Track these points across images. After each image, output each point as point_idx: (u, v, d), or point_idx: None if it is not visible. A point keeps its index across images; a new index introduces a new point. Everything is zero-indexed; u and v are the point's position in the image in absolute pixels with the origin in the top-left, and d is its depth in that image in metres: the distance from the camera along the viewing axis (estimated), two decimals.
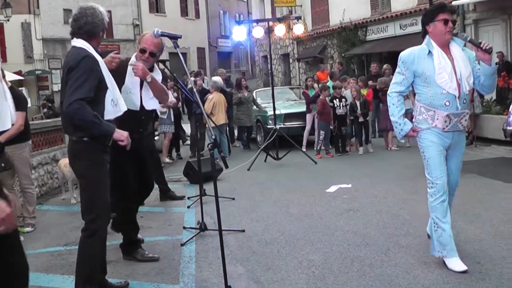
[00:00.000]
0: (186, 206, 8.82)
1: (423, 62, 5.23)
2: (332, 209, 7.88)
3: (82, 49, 4.71)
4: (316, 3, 29.08)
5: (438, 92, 5.17)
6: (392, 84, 5.49)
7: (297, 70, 31.83)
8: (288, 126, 14.97)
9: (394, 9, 22.86)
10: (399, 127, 5.43)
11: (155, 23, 35.58)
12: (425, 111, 5.28)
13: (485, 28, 18.65)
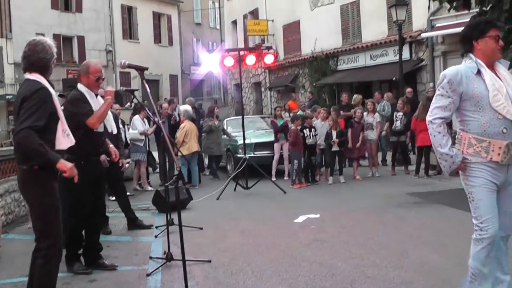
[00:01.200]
0: (154, 235, 8.73)
1: (473, 83, 4.50)
2: (299, 240, 7.86)
3: (37, 82, 4.83)
4: (288, 32, 29.34)
5: (494, 118, 4.43)
6: (435, 109, 4.62)
7: (268, 99, 31.97)
8: (258, 155, 14.99)
9: (365, 39, 23.18)
10: (450, 160, 4.55)
11: (128, 50, 35.76)
12: (477, 142, 4.48)
13: (454, 60, 18.91)
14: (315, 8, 26.58)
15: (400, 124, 14.34)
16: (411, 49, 20.65)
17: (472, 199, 4.53)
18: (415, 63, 20.39)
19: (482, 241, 4.48)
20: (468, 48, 4.65)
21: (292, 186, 13.35)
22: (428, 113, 4.67)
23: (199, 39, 48.73)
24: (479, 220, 4.47)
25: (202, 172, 16.45)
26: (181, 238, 4.86)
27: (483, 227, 4.45)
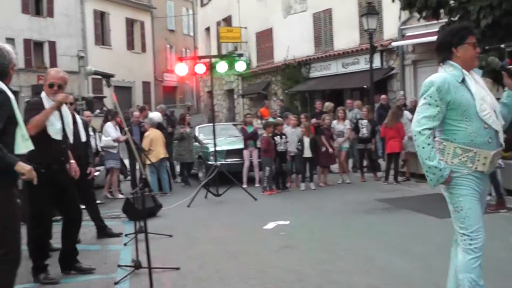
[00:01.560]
0: (123, 243, 8.71)
1: (459, 91, 4.36)
2: (268, 246, 7.91)
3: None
4: (261, 40, 29.49)
5: (481, 127, 4.32)
6: (423, 119, 4.35)
7: (241, 106, 32.04)
8: (229, 163, 15.03)
9: (337, 47, 23.40)
10: (438, 173, 4.30)
11: (101, 56, 35.53)
12: (463, 152, 4.34)
13: (424, 69, 19.22)
14: (288, 16, 26.78)
15: (366, 131, 14.53)
16: (382, 58, 20.88)
17: (461, 209, 4.36)
18: (386, 71, 20.63)
19: (474, 251, 4.34)
20: (447, 55, 4.51)
21: (263, 193, 13.41)
22: (415, 123, 4.40)
23: (173, 46, 48.67)
24: (469, 230, 4.34)
25: (174, 179, 16.44)
26: (146, 246, 4.90)
27: (474, 237, 4.34)
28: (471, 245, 4.34)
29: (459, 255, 4.43)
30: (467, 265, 4.35)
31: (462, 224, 4.37)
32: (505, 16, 11.59)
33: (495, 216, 9.36)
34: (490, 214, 9.48)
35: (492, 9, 11.52)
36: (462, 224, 4.37)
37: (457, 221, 4.41)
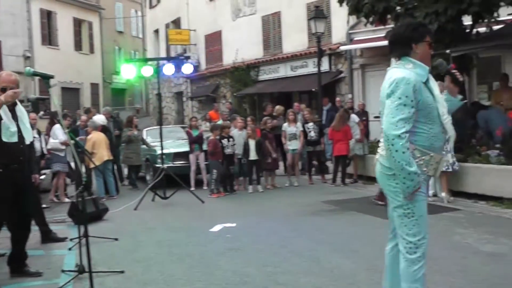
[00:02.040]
0: (68, 248, 8.56)
1: (425, 92, 4.18)
2: (214, 249, 7.88)
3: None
4: (210, 42, 29.44)
5: (440, 132, 4.25)
6: (400, 121, 4.04)
7: (190, 109, 31.93)
8: (177, 165, 14.94)
9: (286, 50, 23.51)
10: (416, 179, 4.05)
11: (48, 56, 34.83)
12: (420, 155, 4.18)
13: (372, 73, 19.46)
14: (237, 19, 26.81)
15: (314, 134, 14.62)
16: (330, 61, 21.04)
17: (413, 215, 4.19)
18: (334, 75, 20.79)
19: (419, 260, 4.21)
20: (406, 51, 4.30)
21: (211, 196, 13.36)
22: (391, 126, 4.06)
23: (121, 48, 48.19)
24: (417, 237, 4.20)
25: (122, 182, 16.27)
26: (87, 250, 4.79)
27: (419, 244, 4.21)
28: (416, 253, 4.21)
29: (403, 263, 4.29)
30: (412, 276, 4.24)
31: (410, 231, 4.22)
32: (450, 22, 11.85)
33: (439, 217, 9.53)
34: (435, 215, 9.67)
35: (437, 15, 11.77)
36: (410, 231, 4.22)
37: (405, 228, 4.24)
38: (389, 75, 4.25)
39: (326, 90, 18.93)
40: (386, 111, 4.14)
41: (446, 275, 6.12)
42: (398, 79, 4.08)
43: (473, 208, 10.24)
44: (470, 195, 10.93)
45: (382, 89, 4.29)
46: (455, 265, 6.55)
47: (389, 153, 4.07)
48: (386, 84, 4.22)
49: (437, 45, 11.96)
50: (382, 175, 4.34)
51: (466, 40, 12.47)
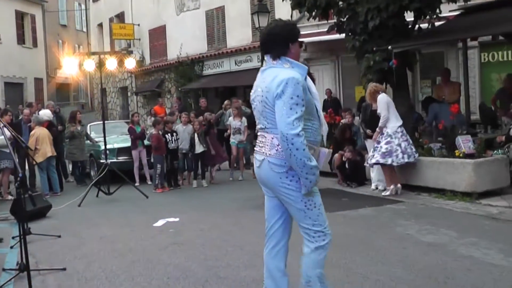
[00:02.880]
0: (10, 246, 8.46)
1: (306, 90, 4.27)
2: (157, 243, 7.90)
3: None
4: (154, 37, 29.28)
5: (319, 127, 4.43)
6: (295, 121, 4.06)
7: (135, 104, 31.71)
8: (121, 161, 14.89)
9: (230, 45, 23.56)
10: (317, 172, 4.18)
11: None
12: (308, 150, 4.19)
13: (315, 67, 19.65)
14: (181, 13, 26.74)
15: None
16: None
17: (314, 206, 4.31)
18: None
19: (326, 247, 4.41)
20: (284, 51, 4.35)
21: (155, 191, 13.37)
22: (287, 126, 4.05)
23: (65, 42, 47.45)
24: (323, 225, 4.36)
25: (66, 179, 16.09)
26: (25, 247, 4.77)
27: (326, 232, 4.39)
28: (324, 240, 4.38)
29: (311, 254, 4.40)
30: (319, 262, 4.41)
31: (315, 221, 4.34)
32: (392, 18, 12.05)
33: (382, 209, 9.75)
34: (378, 207, 9.89)
35: (379, 11, 11.94)
36: (316, 221, 4.34)
37: (309, 220, 4.34)
38: (272, 75, 4.26)
39: None
40: (279, 112, 4.12)
41: (387, 265, 6.28)
42: (288, 79, 4.11)
43: (415, 200, 10.47)
44: (413, 188, 11.17)
45: (264, 88, 4.28)
46: (395, 255, 6.71)
47: (289, 152, 4.08)
48: (272, 84, 4.20)
49: (379, 41, 12.22)
50: (273, 174, 4.33)
51: (408, 36, 12.70)
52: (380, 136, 10.95)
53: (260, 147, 4.41)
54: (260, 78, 4.40)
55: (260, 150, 4.42)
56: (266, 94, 4.23)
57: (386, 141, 10.82)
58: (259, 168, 4.45)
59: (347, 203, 10.55)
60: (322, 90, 19.10)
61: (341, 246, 7.22)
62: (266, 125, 4.32)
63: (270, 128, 4.29)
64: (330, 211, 9.60)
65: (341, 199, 11.11)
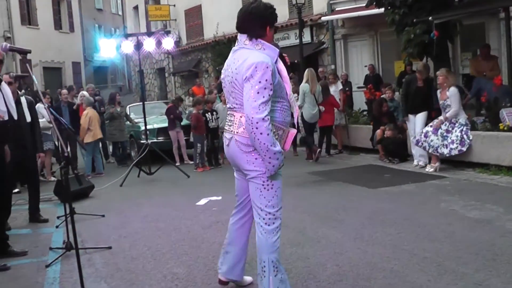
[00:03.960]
0: (55, 226, 8.54)
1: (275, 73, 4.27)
2: (200, 222, 7.89)
3: None
4: (190, 17, 29.22)
5: (288, 108, 4.49)
6: (262, 105, 4.07)
7: (173, 84, 31.78)
8: (161, 141, 14.93)
9: None
10: (281, 157, 4.21)
11: (28, 36, 34.35)
12: (276, 130, 4.31)
13: (354, 43, 19.45)
14: None
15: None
16: (312, 32, 20.96)
17: (271, 187, 4.34)
18: (316, 46, 20.73)
19: (276, 230, 4.40)
20: (262, 33, 4.36)
21: (196, 170, 13.37)
22: (253, 109, 4.06)
23: (101, 25, 47.75)
24: (275, 208, 4.37)
25: (107, 159, 16.23)
26: (73, 226, 4.79)
27: (278, 215, 4.39)
28: (274, 223, 4.37)
29: (261, 235, 4.39)
30: (271, 247, 4.37)
31: (269, 202, 4.35)
32: None
33: (426, 185, 9.60)
34: (421, 183, 9.73)
35: None
36: (269, 203, 4.35)
37: (264, 199, 4.35)
38: (243, 57, 4.26)
39: (308, 61, 18.91)
40: (246, 95, 4.13)
41: (433, 242, 6.17)
42: (257, 63, 4.10)
43: (459, 175, 10.29)
44: (456, 163, 10.97)
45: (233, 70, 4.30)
46: (441, 232, 6.58)
47: (253, 136, 4.10)
48: (242, 67, 4.19)
49: (419, 13, 11.97)
50: (239, 152, 4.38)
51: (448, 7, 12.42)
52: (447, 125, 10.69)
53: (229, 126, 4.46)
54: (231, 58, 4.43)
55: (229, 128, 4.47)
56: (236, 75, 4.26)
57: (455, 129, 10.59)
58: (228, 147, 4.51)
59: (390, 179, 10.43)
60: (360, 65, 18.91)
61: (386, 222, 7.15)
62: (235, 104, 4.38)
63: (238, 108, 4.34)
64: (373, 187, 9.62)
65: (383, 175, 10.99)
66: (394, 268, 5.34)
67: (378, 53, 18.90)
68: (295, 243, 6.46)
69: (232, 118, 4.44)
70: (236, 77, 4.27)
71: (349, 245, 6.22)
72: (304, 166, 12.72)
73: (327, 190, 9.80)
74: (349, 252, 5.95)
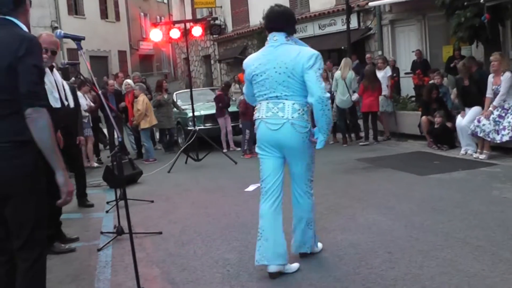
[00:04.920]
0: (105, 210, 8.67)
1: None
2: (249, 208, 7.85)
3: None
4: (236, 4, 29.16)
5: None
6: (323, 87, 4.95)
7: (218, 72, 31.83)
8: (208, 127, 14.98)
9: (313, 9, 23.16)
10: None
11: (75, 26, 34.75)
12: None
13: (401, 28, 19.14)
14: None
15: None
16: (359, 18, 20.69)
17: (313, 163, 5.32)
18: (363, 32, 20.48)
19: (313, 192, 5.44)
20: (294, 30, 5.21)
21: (243, 156, 13.39)
22: (322, 91, 4.86)
23: (147, 14, 48.08)
24: (313, 176, 5.38)
25: (154, 146, 16.39)
26: (126, 211, 4.84)
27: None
28: (313, 189, 5.42)
29: (308, 200, 5.40)
30: (313, 206, 5.46)
31: (313, 172, 5.39)
32: None
33: (476, 172, 9.44)
34: (472, 170, 9.58)
35: None
36: (313, 173, 5.38)
37: (310, 171, 5.33)
38: (293, 51, 4.95)
39: (355, 47, 18.75)
40: (312, 79, 4.84)
41: (486, 230, 6.07)
42: (316, 54, 4.93)
43: (511, 162, 10.11)
44: (508, 150, 10.78)
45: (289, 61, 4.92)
46: (494, 220, 6.47)
47: (322, 112, 4.87)
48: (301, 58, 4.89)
49: None
50: (297, 134, 5.00)
51: None
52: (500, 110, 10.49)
53: (275, 112, 5.01)
54: (274, 53, 5.02)
55: (275, 114, 5.01)
56: (293, 66, 4.89)
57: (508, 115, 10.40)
58: (277, 131, 5.01)
59: (440, 166, 10.29)
60: (408, 51, 18.63)
61: (437, 210, 7.07)
62: (287, 93, 4.98)
63: (291, 96, 4.97)
64: (423, 174, 9.51)
65: (432, 162, 10.87)
66: (446, 257, 5.27)
67: (426, 38, 18.57)
68: (345, 230, 6.45)
69: (281, 106, 4.99)
70: (294, 67, 4.89)
71: (400, 232, 6.16)
72: (351, 152, 12.65)
73: (376, 177, 9.71)
74: (400, 239, 5.89)
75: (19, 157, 3.48)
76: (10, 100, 3.44)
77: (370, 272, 4.98)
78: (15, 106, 3.43)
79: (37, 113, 3.40)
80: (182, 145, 14.34)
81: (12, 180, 3.46)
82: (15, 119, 3.45)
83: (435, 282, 4.68)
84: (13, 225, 3.55)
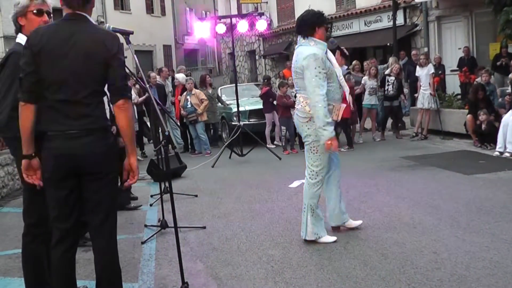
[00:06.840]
0: (149, 204, 8.75)
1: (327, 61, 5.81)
2: (293, 204, 7.88)
3: None
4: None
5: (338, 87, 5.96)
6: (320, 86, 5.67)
7: (263, 67, 31.83)
8: (252, 123, 14.99)
9: (359, 5, 22.99)
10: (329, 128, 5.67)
11: (121, 21, 35.02)
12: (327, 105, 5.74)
13: (448, 24, 18.89)
14: None
15: (392, 88, 14.26)
16: (405, 14, 20.48)
17: (316, 152, 5.87)
18: (409, 28, 20.26)
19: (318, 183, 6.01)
20: (311, 32, 5.84)
21: (283, 153, 13.33)
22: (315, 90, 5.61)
23: (192, 9, 48.27)
24: (318, 168, 5.94)
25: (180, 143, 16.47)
26: (172, 205, 4.87)
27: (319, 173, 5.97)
28: (316, 178, 5.99)
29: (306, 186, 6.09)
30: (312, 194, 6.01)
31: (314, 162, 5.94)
32: None
33: None
34: None
35: None
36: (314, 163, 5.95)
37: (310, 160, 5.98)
38: (300, 52, 5.83)
39: (401, 44, 18.55)
40: (307, 79, 5.66)
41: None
42: (309, 55, 5.66)
43: None
44: None
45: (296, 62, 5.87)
46: None
47: (315, 109, 5.60)
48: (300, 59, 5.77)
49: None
50: (299, 122, 5.95)
51: None
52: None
53: (297, 104, 6.04)
54: (295, 53, 5.96)
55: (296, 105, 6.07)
56: (297, 65, 5.81)
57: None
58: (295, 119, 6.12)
59: (485, 166, 10.13)
60: (454, 48, 18.37)
61: (483, 210, 6.97)
62: (297, 88, 6.01)
63: (299, 90, 5.96)
64: (468, 173, 9.38)
65: (478, 161, 10.71)
66: (493, 258, 5.19)
67: (473, 35, 18.29)
68: (390, 228, 6.40)
69: (297, 98, 6.07)
70: (298, 66, 5.80)
71: (446, 232, 6.09)
72: (396, 150, 12.51)
73: (421, 175, 9.60)
74: (446, 240, 5.83)
75: (108, 138, 3.98)
76: (100, 91, 3.93)
77: (416, 272, 4.93)
78: (101, 96, 3.96)
79: (128, 104, 3.87)
80: (226, 140, 14.38)
81: (106, 157, 3.92)
82: (103, 108, 3.98)
83: (481, 284, 4.62)
84: (93, 201, 4.03)
